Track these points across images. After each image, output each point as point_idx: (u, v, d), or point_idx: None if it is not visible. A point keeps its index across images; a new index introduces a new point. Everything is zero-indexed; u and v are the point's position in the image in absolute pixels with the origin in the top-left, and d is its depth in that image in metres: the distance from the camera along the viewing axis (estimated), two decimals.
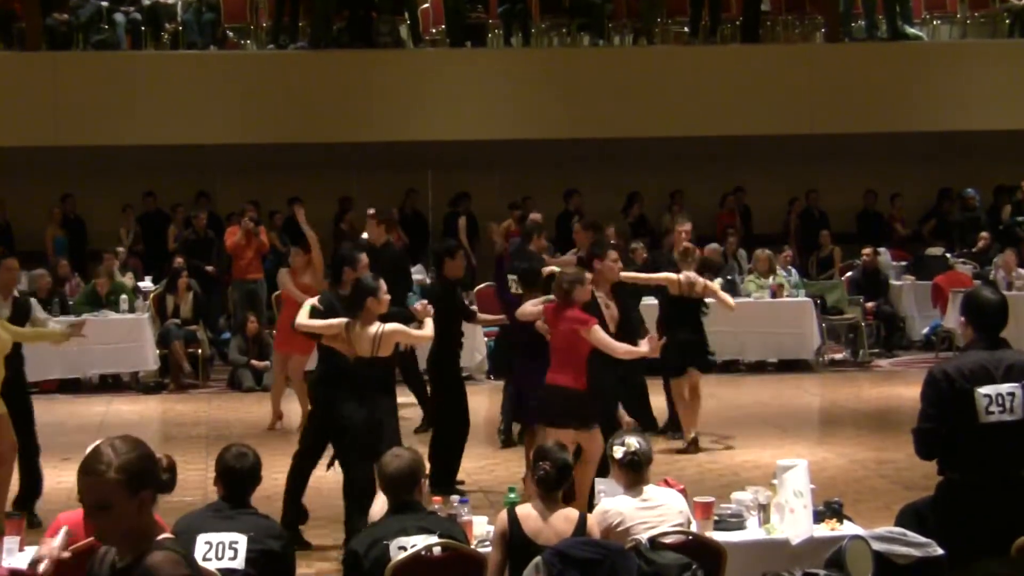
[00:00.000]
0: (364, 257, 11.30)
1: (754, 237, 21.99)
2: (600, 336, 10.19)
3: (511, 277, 13.57)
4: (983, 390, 6.99)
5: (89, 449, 4.49)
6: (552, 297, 10.69)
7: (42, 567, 6.89)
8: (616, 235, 16.67)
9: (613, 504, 7.42)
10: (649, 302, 15.56)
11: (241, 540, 6.66)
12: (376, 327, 9.81)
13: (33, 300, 12.69)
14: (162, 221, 21.58)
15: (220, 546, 6.65)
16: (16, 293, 11.98)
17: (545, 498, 7.19)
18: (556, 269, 13.15)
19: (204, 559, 6.57)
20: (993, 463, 7.05)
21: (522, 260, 13.53)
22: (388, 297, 9.96)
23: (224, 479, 6.99)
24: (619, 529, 7.29)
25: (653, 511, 7.37)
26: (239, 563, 6.63)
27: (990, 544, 6.88)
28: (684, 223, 15.19)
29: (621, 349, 10.34)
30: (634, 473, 7.49)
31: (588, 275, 10.54)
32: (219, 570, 6.58)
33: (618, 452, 7.49)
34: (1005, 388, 7.01)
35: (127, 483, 4.37)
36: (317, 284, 14.30)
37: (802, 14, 23.35)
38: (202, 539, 6.65)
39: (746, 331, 18.48)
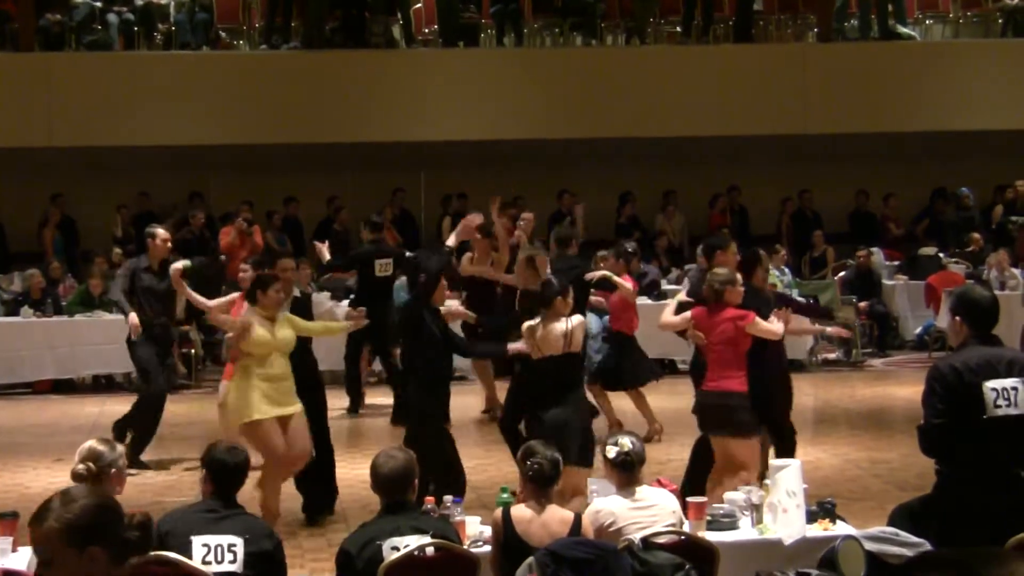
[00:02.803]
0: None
1: (751, 237, 21.98)
2: (763, 325, 10.10)
3: None
4: (990, 384, 7.03)
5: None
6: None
7: None
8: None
9: (605, 504, 7.42)
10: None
11: (238, 543, 6.66)
12: (565, 323, 10.16)
13: (316, 294, 12.64)
14: (154, 222, 21.59)
15: (219, 549, 6.64)
16: (298, 292, 11.84)
17: (538, 496, 7.20)
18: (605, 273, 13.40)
19: (203, 562, 6.58)
20: (995, 459, 7.08)
21: (555, 264, 13.64)
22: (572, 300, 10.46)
23: (216, 475, 6.96)
24: (611, 529, 7.29)
25: (646, 511, 7.37)
26: (238, 566, 6.63)
27: (986, 542, 6.89)
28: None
29: (781, 330, 10.32)
30: (627, 473, 7.49)
31: (739, 276, 10.40)
32: (218, 573, 6.58)
33: (611, 452, 7.49)
34: (1009, 383, 7.05)
35: (68, 534, 3.77)
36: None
37: (795, 14, 23.36)
38: (198, 541, 6.64)
39: None
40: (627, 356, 14.48)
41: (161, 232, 13.81)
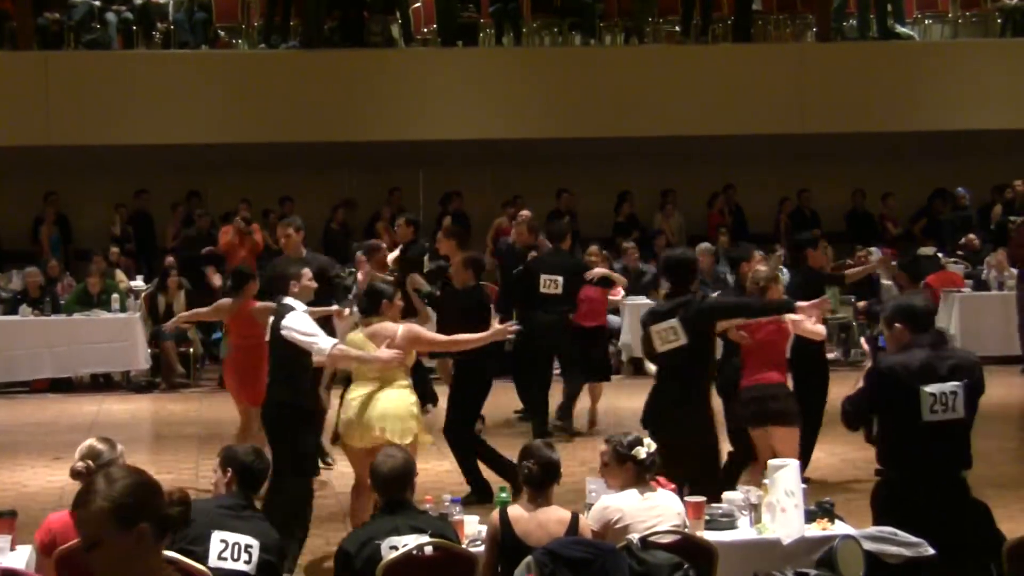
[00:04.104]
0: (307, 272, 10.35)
1: (748, 236, 21.98)
2: (806, 325, 10.40)
3: (547, 277, 13.82)
4: (928, 388, 7.07)
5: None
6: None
7: None
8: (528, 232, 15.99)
9: (614, 500, 7.41)
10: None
11: (255, 544, 6.69)
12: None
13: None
14: (147, 221, 21.62)
15: (236, 547, 6.67)
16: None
17: (534, 497, 7.19)
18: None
19: (219, 558, 6.61)
20: (934, 463, 7.12)
21: (552, 258, 13.93)
22: None
23: (242, 476, 6.99)
24: (618, 526, 7.28)
25: (652, 511, 7.37)
26: (252, 568, 6.65)
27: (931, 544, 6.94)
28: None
29: (823, 331, 10.76)
30: (646, 474, 7.50)
31: (778, 274, 10.69)
32: (231, 571, 6.61)
33: (641, 453, 7.46)
34: (948, 387, 7.07)
35: (116, 513, 3.81)
36: None
37: (793, 13, 23.36)
38: (217, 536, 6.67)
39: None
40: (604, 349, 14.83)
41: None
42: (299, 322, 9.59)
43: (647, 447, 7.49)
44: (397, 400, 9.68)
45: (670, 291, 9.61)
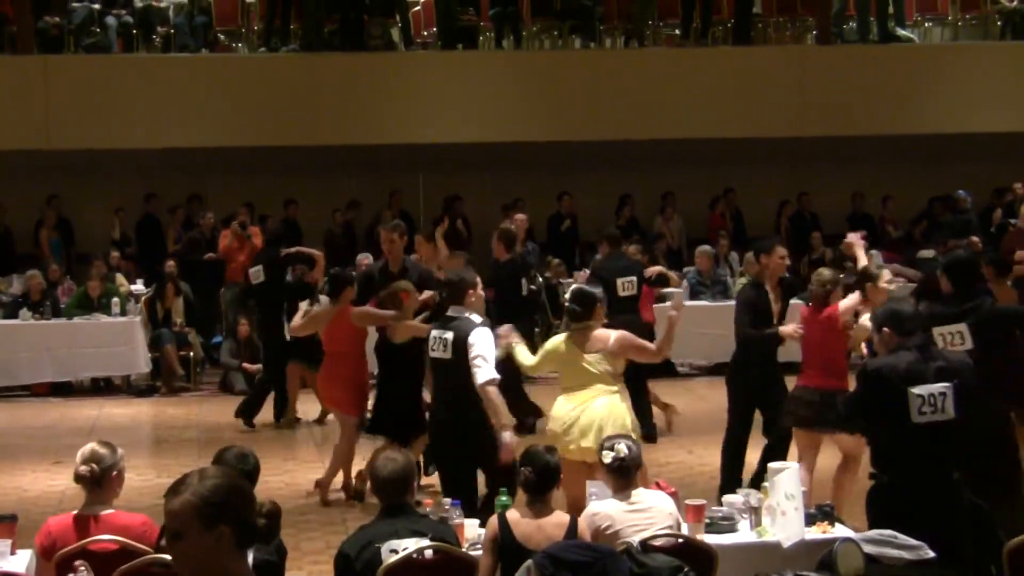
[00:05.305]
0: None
1: (747, 239, 21.98)
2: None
3: (623, 280, 13.96)
4: (916, 390, 7.12)
5: None
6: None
7: None
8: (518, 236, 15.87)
9: (602, 507, 7.43)
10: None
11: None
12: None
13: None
14: (155, 225, 21.61)
15: None
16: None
17: (533, 502, 7.20)
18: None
19: None
20: (924, 465, 7.16)
21: (619, 261, 14.04)
22: None
23: None
24: (608, 532, 7.29)
25: (642, 514, 7.37)
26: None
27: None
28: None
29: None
30: (623, 478, 7.50)
31: (841, 276, 10.76)
32: None
33: (607, 457, 7.50)
34: (937, 388, 7.11)
35: (201, 510, 3.87)
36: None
37: (793, 16, 23.36)
38: None
39: None
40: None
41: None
42: (486, 343, 9.17)
43: (616, 452, 7.49)
44: (611, 407, 9.35)
45: (952, 294, 9.25)
